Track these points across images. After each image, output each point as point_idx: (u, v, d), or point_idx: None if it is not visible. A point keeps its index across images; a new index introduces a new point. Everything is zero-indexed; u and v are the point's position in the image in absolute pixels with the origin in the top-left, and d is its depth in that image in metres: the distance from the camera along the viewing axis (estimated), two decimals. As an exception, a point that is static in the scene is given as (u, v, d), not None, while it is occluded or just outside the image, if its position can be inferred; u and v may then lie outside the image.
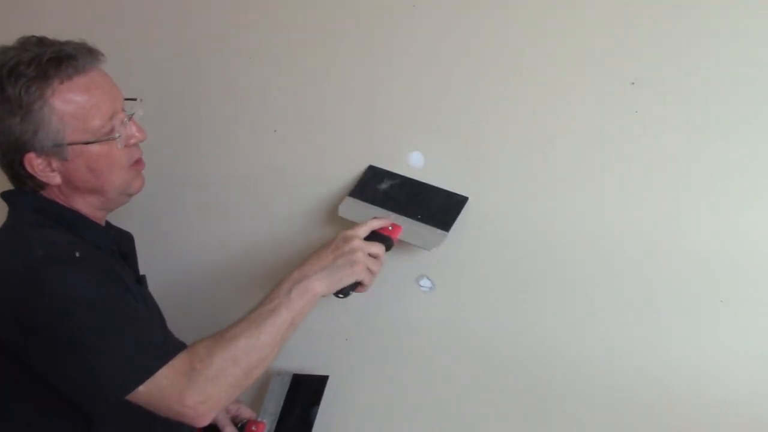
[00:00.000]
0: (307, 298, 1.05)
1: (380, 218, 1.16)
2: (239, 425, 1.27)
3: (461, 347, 1.28)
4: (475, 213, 1.22)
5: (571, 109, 1.15)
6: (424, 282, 1.28)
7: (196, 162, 1.45)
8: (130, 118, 1.14)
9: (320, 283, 1.07)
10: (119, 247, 1.21)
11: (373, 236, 1.16)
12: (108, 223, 1.23)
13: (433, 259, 1.25)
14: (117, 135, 1.11)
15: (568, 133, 1.15)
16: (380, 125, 1.28)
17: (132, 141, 1.14)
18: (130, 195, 1.18)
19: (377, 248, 1.11)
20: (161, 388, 0.98)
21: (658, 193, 1.13)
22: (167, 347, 1.02)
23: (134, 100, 1.14)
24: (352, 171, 1.29)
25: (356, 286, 1.11)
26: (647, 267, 1.15)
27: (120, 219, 1.27)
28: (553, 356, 1.21)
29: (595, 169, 1.15)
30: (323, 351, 1.37)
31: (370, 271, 1.10)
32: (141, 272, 1.26)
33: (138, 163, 1.16)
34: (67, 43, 1.11)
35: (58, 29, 1.15)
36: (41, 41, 1.11)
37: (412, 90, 1.26)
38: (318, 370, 1.38)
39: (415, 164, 1.26)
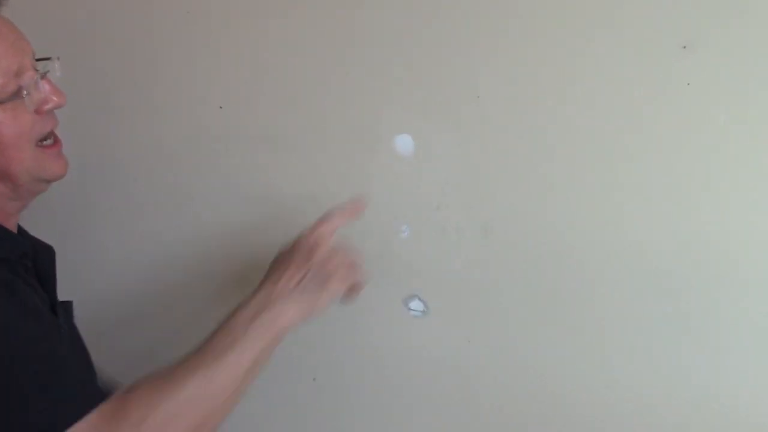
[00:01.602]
0: (272, 333, 0.90)
1: (341, 209, 0.97)
2: None
3: (462, 386, 1.12)
4: (477, 217, 1.06)
5: (598, 87, 1.00)
6: (415, 304, 1.11)
7: (125, 145, 1.25)
8: (44, 76, 0.96)
9: (289, 314, 0.91)
10: (35, 263, 1.00)
11: None
12: (21, 229, 1.03)
13: (426, 275, 1.09)
14: (26, 93, 0.93)
15: (591, 119, 1.00)
16: (357, 97, 1.11)
17: (47, 106, 0.96)
18: (48, 181, 0.99)
19: (348, 254, 0.95)
20: None
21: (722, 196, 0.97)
22: (83, 397, 0.85)
23: (48, 59, 0.97)
24: (317, 157, 1.12)
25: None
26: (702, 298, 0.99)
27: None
28: (570, 396, 1.06)
29: (631, 163, 1.00)
30: (285, 394, 1.19)
31: (351, 274, 0.94)
32: (62, 297, 1.06)
33: (54, 142, 0.99)
34: None
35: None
36: None
37: (397, 52, 1.08)
38: (278, 419, 1.20)
39: (402, 150, 1.08)
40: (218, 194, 1.20)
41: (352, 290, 0.95)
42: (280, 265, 0.94)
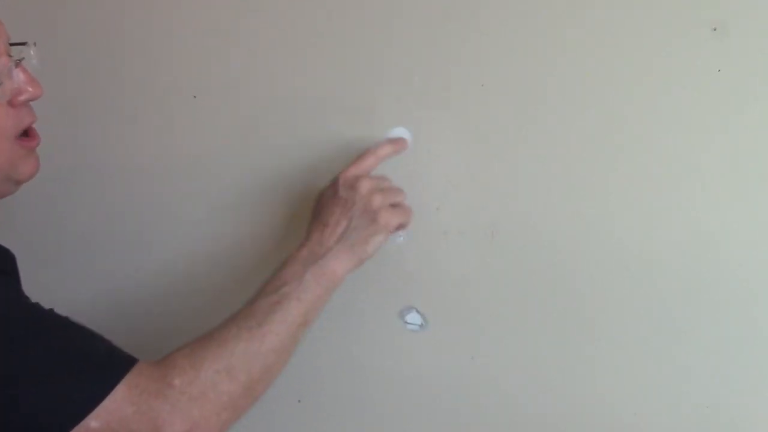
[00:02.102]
0: (325, 284, 0.91)
1: (384, 142, 0.98)
2: None
3: (464, 410, 1.06)
4: (482, 219, 1.00)
5: (616, 72, 0.93)
6: (412, 317, 1.06)
7: (96, 140, 1.19)
8: (18, 63, 0.92)
9: (340, 261, 0.92)
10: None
11: None
12: None
13: (424, 285, 1.04)
14: None
15: (611, 110, 0.94)
16: (345, 85, 1.04)
17: (22, 97, 0.91)
18: (18, 182, 0.95)
19: (393, 188, 0.96)
20: (123, 419, 0.82)
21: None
22: (115, 360, 0.85)
23: (24, 45, 0.92)
24: (299, 153, 1.06)
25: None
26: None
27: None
28: (587, 420, 1.01)
29: (655, 160, 0.93)
30: (266, 418, 1.10)
31: (396, 213, 0.94)
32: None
33: (30, 137, 0.94)
34: None
35: None
36: None
37: (389, 32, 1.01)
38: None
39: None
40: (197, 192, 1.14)
41: (399, 229, 0.95)
42: (323, 209, 0.94)
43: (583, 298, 0.98)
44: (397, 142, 0.98)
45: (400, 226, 0.95)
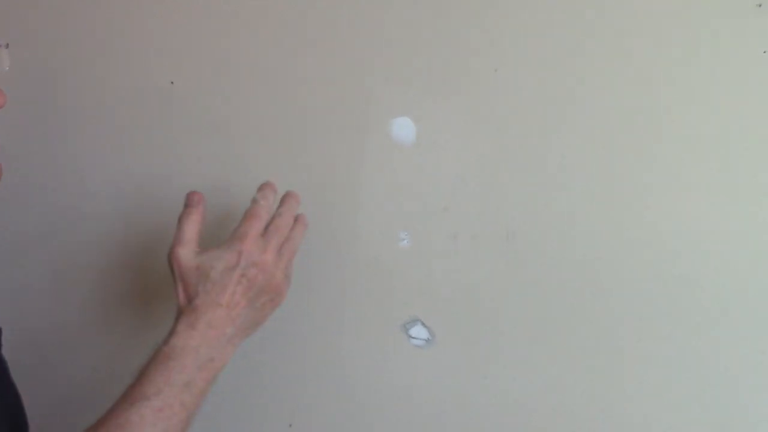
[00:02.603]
0: (214, 374, 0.80)
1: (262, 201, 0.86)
2: None
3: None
4: (495, 221, 0.91)
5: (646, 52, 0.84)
6: (417, 330, 0.98)
7: (63, 130, 1.07)
8: None
9: (233, 347, 0.82)
10: None
11: None
12: None
13: (430, 295, 0.95)
14: None
15: (641, 97, 0.86)
16: (342, 69, 0.94)
17: None
18: None
19: (289, 241, 0.86)
20: None
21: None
22: None
23: None
24: (290, 144, 0.97)
25: None
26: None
27: None
28: None
29: (692, 152, 0.85)
30: None
31: (291, 257, 0.86)
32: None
33: None
34: None
35: None
36: None
37: (390, 8, 0.91)
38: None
39: (399, 137, 0.94)
40: (173, 186, 1.03)
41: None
42: (215, 283, 0.81)
43: (611, 312, 0.89)
44: (272, 186, 0.87)
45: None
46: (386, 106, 0.93)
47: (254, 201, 0.85)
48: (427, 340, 0.98)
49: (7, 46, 0.89)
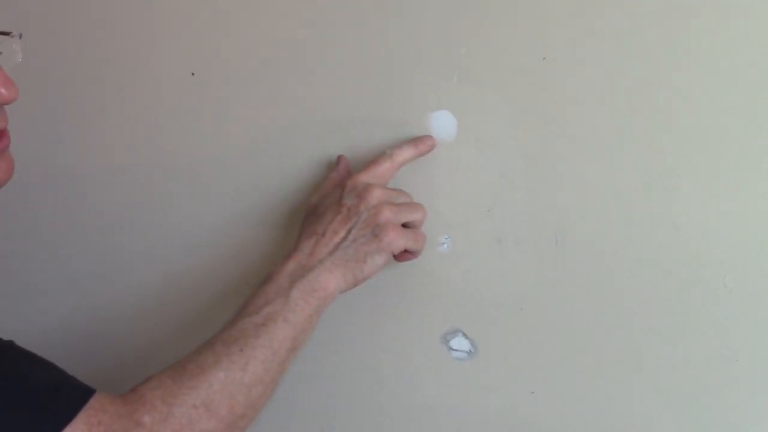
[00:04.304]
0: (314, 302, 0.82)
1: (405, 143, 0.87)
2: None
3: None
4: (543, 224, 0.87)
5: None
6: (458, 342, 0.95)
7: (83, 127, 1.05)
8: None
9: (333, 276, 0.83)
10: None
11: None
12: None
13: (472, 304, 0.92)
14: None
15: (708, 89, 0.79)
16: (375, 58, 0.90)
17: None
18: None
19: (410, 205, 0.86)
20: None
21: None
22: (69, 393, 0.75)
23: (7, 34, 0.85)
24: (321, 140, 0.94)
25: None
26: None
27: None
28: None
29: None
30: None
31: (410, 234, 0.85)
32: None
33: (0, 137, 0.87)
34: None
35: None
36: None
37: None
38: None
39: (439, 132, 0.89)
40: (198, 188, 1.02)
41: (406, 256, 0.87)
42: (320, 217, 0.85)
43: (670, 322, 0.84)
44: (421, 142, 0.88)
45: (408, 254, 0.86)
46: (424, 99, 0.89)
47: (385, 152, 0.87)
48: (469, 353, 0.95)
49: (20, 36, 0.86)
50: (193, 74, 0.97)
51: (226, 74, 0.96)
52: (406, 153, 0.87)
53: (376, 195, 0.84)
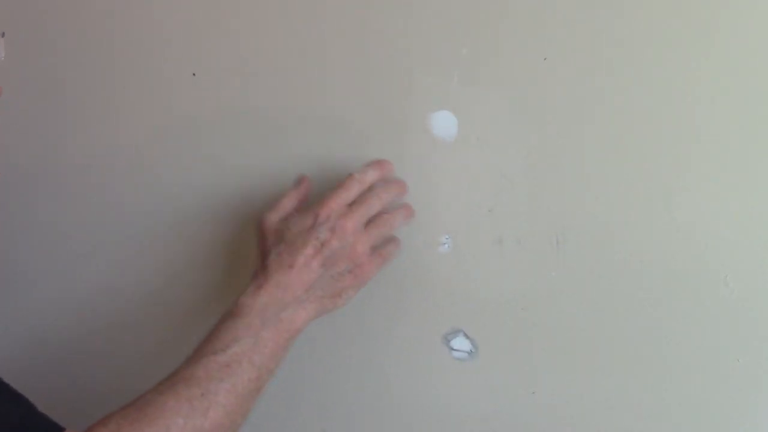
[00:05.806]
0: (285, 337, 0.80)
1: (368, 166, 0.87)
2: None
3: None
4: (543, 224, 0.88)
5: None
6: (459, 342, 0.95)
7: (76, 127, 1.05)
8: None
9: (306, 312, 0.82)
10: None
11: None
12: None
13: (473, 304, 0.92)
14: None
15: (719, 86, 0.79)
16: (375, 57, 0.91)
17: None
18: None
19: (385, 221, 0.85)
20: None
21: None
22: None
23: None
24: (321, 141, 0.95)
25: None
26: None
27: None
28: None
29: None
30: None
31: (380, 258, 0.85)
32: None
33: None
34: None
35: None
36: None
37: None
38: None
39: (439, 132, 0.90)
40: (198, 188, 1.02)
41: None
42: (289, 245, 0.82)
43: (672, 324, 0.84)
44: (381, 165, 0.87)
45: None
46: (424, 99, 0.89)
47: (350, 174, 0.85)
48: (470, 353, 0.95)
49: (2, 35, 0.88)
50: (194, 75, 0.98)
51: (227, 74, 0.96)
52: (372, 175, 0.86)
53: (349, 227, 0.82)
